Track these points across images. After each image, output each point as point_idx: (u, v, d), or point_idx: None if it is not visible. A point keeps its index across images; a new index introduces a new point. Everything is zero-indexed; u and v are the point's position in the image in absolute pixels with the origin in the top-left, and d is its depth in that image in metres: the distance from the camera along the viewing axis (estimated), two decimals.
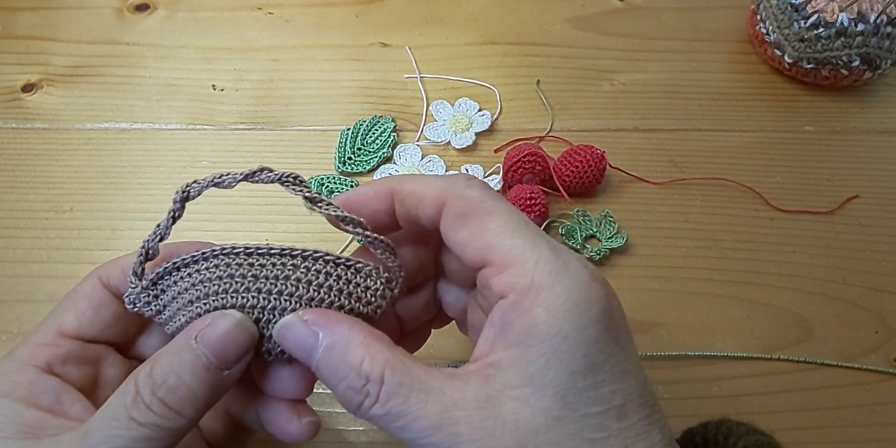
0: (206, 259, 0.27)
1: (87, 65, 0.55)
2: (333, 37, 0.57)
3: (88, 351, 0.29)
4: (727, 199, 0.48)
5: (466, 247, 0.26)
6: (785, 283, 0.44)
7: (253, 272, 0.27)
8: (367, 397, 0.24)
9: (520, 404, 0.23)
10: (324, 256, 0.27)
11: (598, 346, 0.23)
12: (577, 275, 0.24)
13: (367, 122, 0.51)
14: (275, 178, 0.27)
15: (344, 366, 0.24)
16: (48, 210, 0.47)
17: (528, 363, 0.23)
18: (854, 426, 0.39)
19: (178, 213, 0.28)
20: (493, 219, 0.25)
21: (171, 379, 0.25)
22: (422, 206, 0.27)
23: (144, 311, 0.28)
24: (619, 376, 0.23)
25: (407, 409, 0.23)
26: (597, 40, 0.57)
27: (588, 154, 0.46)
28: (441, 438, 0.23)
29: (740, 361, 0.41)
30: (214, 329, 0.26)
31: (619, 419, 0.23)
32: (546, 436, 0.22)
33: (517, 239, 0.25)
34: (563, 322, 0.23)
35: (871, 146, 0.51)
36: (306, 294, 0.27)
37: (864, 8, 0.49)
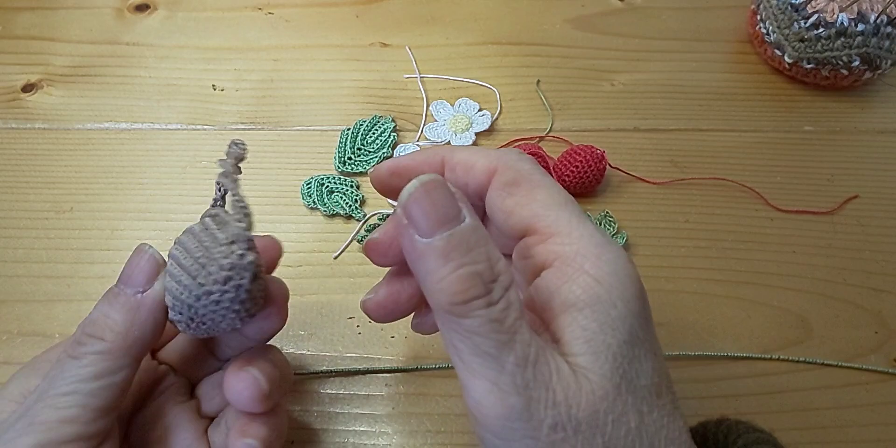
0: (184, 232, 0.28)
1: (87, 65, 0.55)
2: (333, 37, 0.57)
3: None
4: (727, 199, 0.48)
5: (512, 214, 0.26)
6: (785, 283, 0.44)
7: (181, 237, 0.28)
8: (489, 293, 0.22)
9: (587, 371, 0.22)
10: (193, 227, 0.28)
11: (640, 321, 0.23)
12: (619, 252, 0.24)
13: (367, 122, 0.51)
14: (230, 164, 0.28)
15: (482, 251, 0.23)
16: (48, 210, 0.47)
17: (582, 328, 0.23)
18: (854, 426, 0.39)
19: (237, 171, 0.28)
20: (541, 190, 0.25)
21: (94, 313, 0.28)
22: (472, 173, 0.27)
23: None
24: (654, 355, 0.23)
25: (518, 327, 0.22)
26: (597, 40, 0.57)
27: (588, 154, 0.46)
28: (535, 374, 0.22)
29: (740, 361, 0.41)
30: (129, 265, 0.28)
31: (658, 396, 0.23)
32: (613, 404, 0.22)
33: (563, 211, 0.25)
34: (611, 291, 0.23)
35: (871, 146, 0.51)
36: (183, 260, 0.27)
37: (864, 8, 0.49)
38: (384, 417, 0.39)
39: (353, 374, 0.40)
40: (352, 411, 0.39)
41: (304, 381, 0.40)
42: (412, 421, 0.39)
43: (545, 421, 0.21)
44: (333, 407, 0.39)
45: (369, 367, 0.40)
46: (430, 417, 0.39)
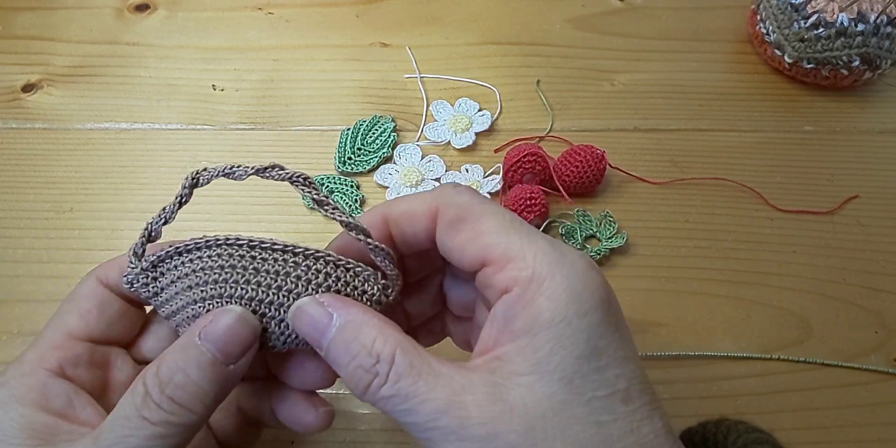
0: (209, 247, 0.28)
1: (87, 65, 0.55)
2: (333, 37, 0.57)
3: (98, 353, 0.29)
4: (727, 199, 0.48)
5: (464, 250, 0.26)
6: (785, 283, 0.44)
7: (254, 265, 0.27)
8: (376, 377, 0.24)
9: (527, 390, 0.23)
10: (325, 256, 0.27)
11: (600, 331, 0.23)
12: (575, 264, 0.24)
13: (367, 122, 0.51)
14: (285, 176, 0.27)
15: (356, 344, 0.25)
16: (48, 210, 0.47)
17: (533, 351, 0.23)
18: (854, 426, 0.39)
19: (186, 198, 0.28)
20: (486, 219, 0.26)
21: (178, 376, 0.25)
22: (415, 221, 0.28)
23: (141, 291, 0.28)
24: (622, 361, 0.24)
25: (416, 391, 0.23)
26: (597, 40, 0.57)
27: (588, 154, 0.46)
28: (449, 422, 0.23)
29: (740, 361, 0.41)
30: (217, 325, 0.26)
31: (624, 403, 0.23)
32: (554, 419, 0.22)
33: (513, 236, 0.25)
34: (567, 308, 0.23)
35: (871, 146, 0.51)
36: (304, 292, 0.27)
37: (864, 8, 0.49)
38: (384, 417, 0.39)
39: None
40: (352, 411, 0.39)
41: None
42: None
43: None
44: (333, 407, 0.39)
45: None
46: None
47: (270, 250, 0.27)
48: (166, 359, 0.26)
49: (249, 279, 0.27)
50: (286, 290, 0.27)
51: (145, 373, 0.26)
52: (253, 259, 0.27)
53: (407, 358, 0.24)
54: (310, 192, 0.27)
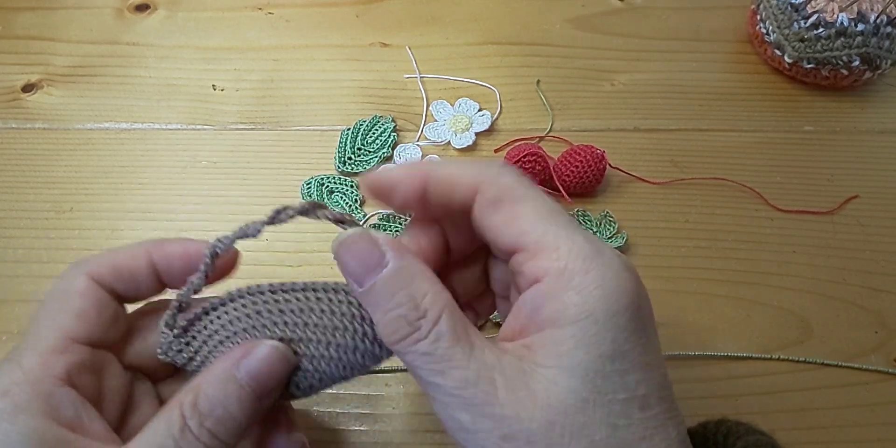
0: (233, 300, 0.28)
1: (87, 65, 0.55)
2: (333, 37, 0.57)
3: (95, 358, 0.27)
4: (727, 199, 0.48)
5: (499, 232, 0.26)
6: (785, 283, 0.44)
7: (279, 307, 0.28)
8: (416, 331, 0.24)
9: (550, 384, 0.23)
10: (344, 288, 0.28)
11: (625, 335, 0.23)
12: (610, 263, 0.24)
13: (367, 122, 0.51)
14: (295, 213, 0.28)
15: (404, 293, 0.24)
16: (48, 210, 0.47)
17: (557, 344, 0.23)
18: (854, 426, 0.39)
19: (210, 270, 0.28)
20: (526, 204, 0.25)
21: (218, 410, 0.25)
22: (455, 191, 0.26)
23: (177, 358, 0.28)
24: (644, 367, 0.23)
25: (452, 355, 0.23)
26: (597, 40, 0.57)
27: (588, 154, 0.46)
28: (476, 394, 0.23)
29: (740, 361, 0.41)
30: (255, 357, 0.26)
31: (641, 409, 0.23)
32: (574, 417, 0.22)
33: (550, 225, 0.25)
34: (595, 306, 0.23)
35: (871, 146, 0.51)
36: (331, 323, 0.27)
37: (864, 8, 0.49)
38: (384, 417, 0.39)
39: None
40: (352, 411, 0.39)
41: None
42: (412, 421, 0.39)
43: (493, 432, 0.23)
44: (333, 407, 0.39)
45: None
46: (430, 417, 0.39)
47: (291, 291, 0.28)
48: (206, 391, 0.25)
49: (276, 321, 0.28)
50: (314, 324, 0.27)
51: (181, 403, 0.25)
52: (277, 302, 0.28)
53: (451, 321, 0.24)
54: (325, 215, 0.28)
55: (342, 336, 0.27)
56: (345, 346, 0.27)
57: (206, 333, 0.28)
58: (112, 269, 0.28)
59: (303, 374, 0.27)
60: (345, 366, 0.28)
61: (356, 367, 0.28)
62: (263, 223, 0.28)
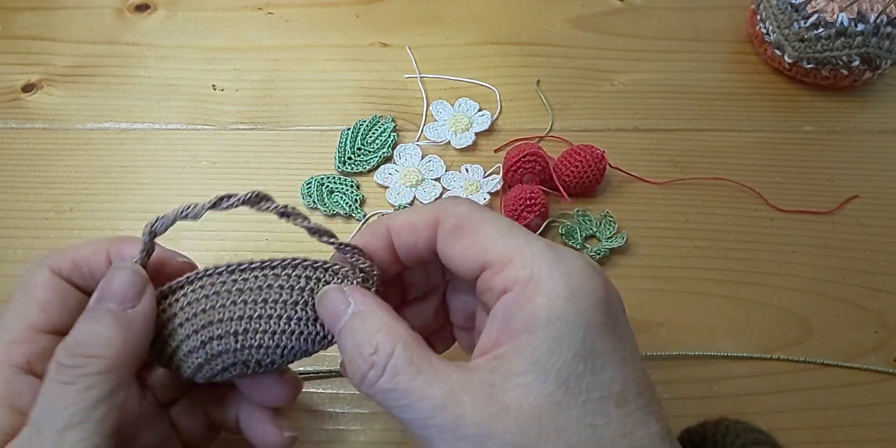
0: (191, 282, 0.28)
1: (87, 65, 0.55)
2: (333, 37, 0.57)
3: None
4: (727, 199, 0.48)
5: (464, 256, 0.27)
6: (785, 283, 0.44)
7: (238, 286, 0.28)
8: (372, 368, 0.24)
9: (524, 390, 0.23)
10: (302, 262, 0.29)
11: (596, 331, 0.24)
12: (573, 263, 0.25)
13: (367, 122, 0.51)
14: (238, 202, 0.28)
15: (361, 333, 0.25)
16: (48, 210, 0.47)
17: (531, 349, 0.23)
18: (854, 426, 0.39)
19: (151, 250, 0.28)
20: (485, 225, 0.27)
21: (81, 335, 0.26)
22: (416, 232, 0.28)
23: None
24: (618, 363, 0.24)
25: (413, 387, 0.23)
26: (597, 40, 0.57)
27: (588, 154, 0.46)
28: (445, 419, 0.23)
29: (740, 361, 0.41)
30: (110, 283, 0.27)
31: (618, 406, 0.23)
32: (549, 420, 0.22)
33: (510, 239, 0.26)
34: (564, 306, 0.23)
35: (871, 146, 0.51)
36: (290, 298, 0.28)
37: (864, 8, 0.49)
38: (384, 417, 0.39)
39: None
40: (352, 411, 0.39)
41: (305, 381, 0.40)
42: None
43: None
44: (333, 407, 0.39)
45: None
46: None
47: (248, 270, 0.28)
48: (71, 332, 0.26)
49: (235, 300, 0.28)
50: (273, 301, 0.28)
51: (55, 352, 0.26)
52: (234, 282, 0.28)
53: (407, 353, 0.24)
54: (268, 208, 0.28)
55: (302, 310, 0.28)
56: (305, 319, 0.28)
57: (164, 317, 0.28)
58: (72, 262, 0.29)
59: (265, 351, 0.28)
60: (306, 338, 0.28)
61: (318, 339, 0.28)
62: (205, 207, 0.28)
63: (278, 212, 0.28)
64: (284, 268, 0.28)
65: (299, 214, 0.28)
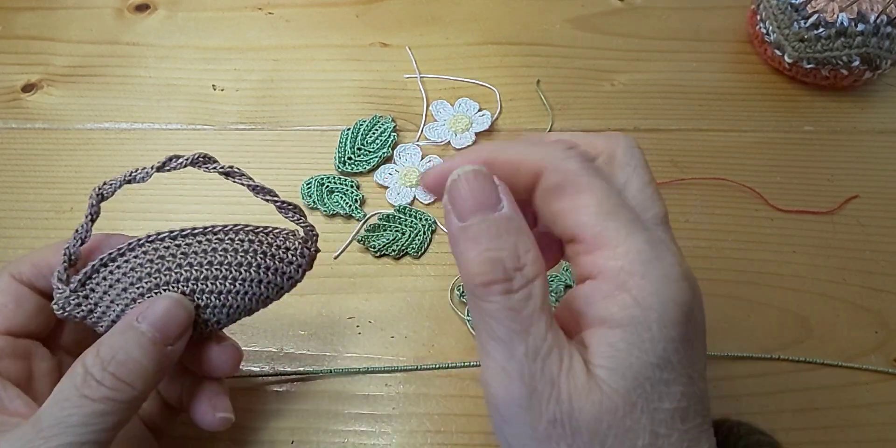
0: (132, 249, 0.29)
1: (87, 65, 0.55)
2: (333, 37, 0.57)
3: (19, 346, 0.30)
4: (727, 199, 0.48)
5: (558, 220, 0.25)
6: (785, 283, 0.44)
7: (182, 250, 0.29)
8: (509, 281, 0.23)
9: (601, 382, 0.22)
10: (244, 227, 0.30)
11: (675, 346, 0.23)
12: (669, 271, 0.24)
13: (367, 122, 0.51)
14: (186, 162, 0.29)
15: (510, 240, 0.23)
16: (48, 210, 0.47)
17: (609, 345, 0.23)
18: (854, 426, 0.39)
19: (96, 213, 0.30)
20: (588, 196, 0.24)
21: (120, 354, 0.26)
22: (518, 175, 0.26)
23: (75, 313, 0.29)
24: (688, 379, 0.23)
25: (534, 321, 0.22)
26: (597, 40, 0.57)
27: None
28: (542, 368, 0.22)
29: (740, 361, 0.41)
30: (154, 308, 0.27)
31: (682, 420, 0.23)
32: (622, 419, 0.22)
33: (611, 221, 0.24)
34: (649, 313, 0.23)
35: (871, 146, 0.51)
36: (235, 260, 0.29)
37: (864, 8, 0.49)
38: (384, 417, 0.39)
39: (353, 374, 0.40)
40: (352, 411, 0.39)
41: (304, 381, 0.40)
42: (412, 421, 0.39)
43: (545, 414, 0.22)
44: (333, 407, 0.39)
45: (369, 367, 0.40)
46: (430, 417, 0.39)
47: (192, 236, 0.29)
48: (106, 341, 0.27)
49: (181, 263, 0.28)
50: (218, 263, 0.29)
51: (83, 357, 0.27)
52: (178, 247, 0.29)
53: (544, 289, 0.23)
54: (214, 169, 0.29)
55: (246, 271, 0.29)
56: (250, 279, 0.29)
57: (106, 284, 0.29)
58: (31, 266, 0.30)
59: (212, 310, 0.29)
60: (251, 297, 0.29)
61: (262, 297, 0.30)
62: (153, 168, 0.29)
63: (223, 171, 0.29)
64: (227, 233, 0.30)
65: (242, 174, 0.30)
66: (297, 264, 0.30)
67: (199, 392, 0.31)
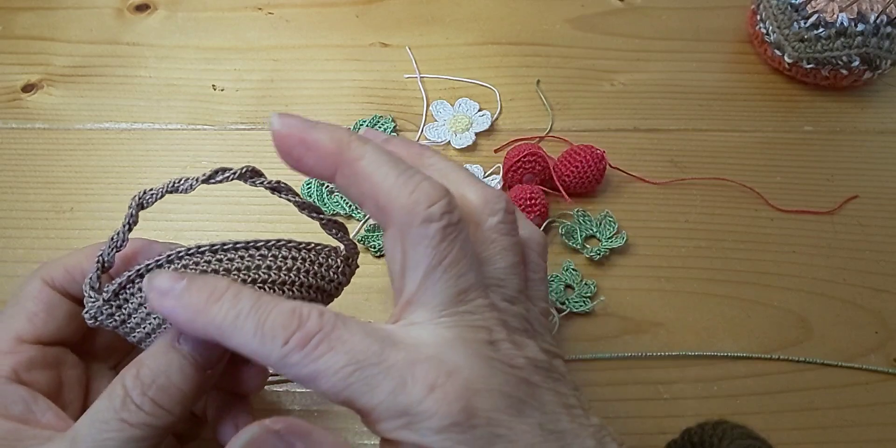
0: (171, 262, 0.28)
1: (87, 65, 0.55)
2: (333, 37, 0.57)
3: (49, 355, 0.29)
4: (727, 199, 0.48)
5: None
6: (785, 283, 0.44)
7: (224, 266, 0.28)
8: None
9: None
10: (286, 244, 0.29)
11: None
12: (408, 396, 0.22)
13: (367, 122, 0.51)
14: (233, 177, 0.28)
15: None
16: (48, 210, 0.47)
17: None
18: (854, 426, 0.39)
19: (134, 222, 0.28)
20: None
21: (161, 379, 0.26)
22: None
23: (106, 323, 0.28)
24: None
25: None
26: (597, 40, 0.57)
27: (588, 154, 0.46)
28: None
29: (740, 361, 0.41)
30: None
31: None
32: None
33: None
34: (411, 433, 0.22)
35: (871, 146, 0.51)
36: (279, 278, 0.28)
37: (864, 8, 0.49)
38: None
39: None
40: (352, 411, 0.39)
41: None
42: None
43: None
44: (333, 407, 0.39)
45: None
46: None
47: (233, 250, 0.28)
48: (147, 363, 0.26)
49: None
50: (261, 281, 0.28)
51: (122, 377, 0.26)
52: (220, 262, 0.28)
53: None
54: (261, 183, 0.29)
55: (290, 289, 0.28)
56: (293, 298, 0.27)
57: (141, 296, 0.27)
58: (64, 271, 0.30)
59: None
60: None
61: None
62: (198, 180, 0.28)
63: (270, 187, 0.29)
64: (270, 249, 0.28)
65: (290, 189, 0.29)
66: (338, 282, 0.30)
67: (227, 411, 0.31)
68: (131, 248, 0.30)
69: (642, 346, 0.41)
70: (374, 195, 0.24)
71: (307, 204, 0.29)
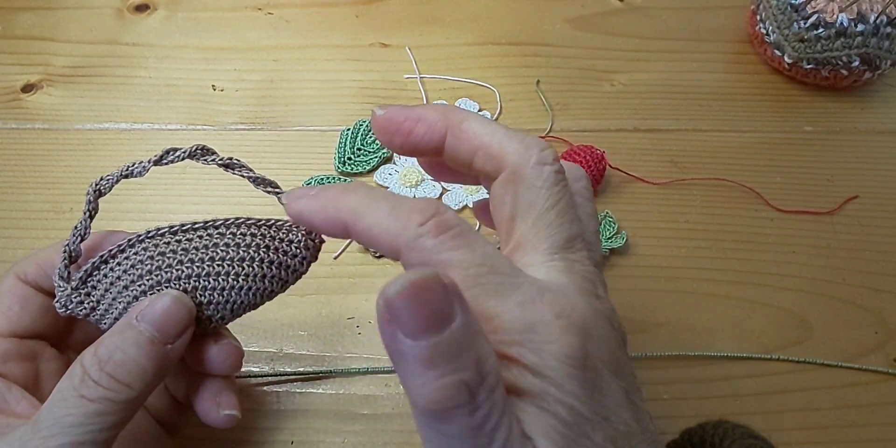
0: (133, 245, 0.29)
1: (87, 65, 0.55)
2: (333, 37, 0.57)
3: (25, 348, 0.30)
4: (727, 199, 0.48)
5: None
6: (785, 283, 0.44)
7: (182, 246, 0.28)
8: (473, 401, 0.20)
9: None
10: (245, 221, 0.29)
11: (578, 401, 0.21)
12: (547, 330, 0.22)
13: (367, 122, 0.51)
14: (184, 155, 0.29)
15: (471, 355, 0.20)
16: (48, 210, 0.47)
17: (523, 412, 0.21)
18: (854, 426, 0.39)
19: (94, 208, 0.29)
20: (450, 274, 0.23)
21: (117, 354, 0.26)
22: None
23: (77, 311, 0.29)
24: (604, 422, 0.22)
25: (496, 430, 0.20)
26: (597, 40, 0.57)
27: (588, 154, 0.46)
28: None
29: (740, 361, 0.41)
30: (153, 307, 0.27)
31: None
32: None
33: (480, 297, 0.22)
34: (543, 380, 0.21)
35: (871, 146, 0.51)
36: (237, 255, 0.28)
37: (864, 8, 0.49)
38: (384, 417, 0.39)
39: (353, 374, 0.40)
40: (352, 411, 0.39)
41: (304, 382, 0.40)
42: (412, 421, 0.39)
43: None
44: (333, 407, 0.39)
45: (369, 367, 0.40)
46: None
47: (192, 230, 0.29)
48: (104, 341, 0.27)
49: (182, 259, 0.28)
50: (220, 258, 0.28)
51: (82, 356, 0.26)
52: (179, 243, 0.28)
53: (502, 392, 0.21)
54: (213, 161, 0.29)
55: (249, 266, 0.28)
56: (253, 274, 0.28)
57: (107, 282, 0.28)
58: (36, 266, 0.30)
59: (215, 307, 0.28)
60: (254, 292, 0.29)
61: (266, 292, 0.29)
62: (150, 162, 0.29)
63: (222, 164, 0.29)
64: (228, 227, 0.29)
65: (242, 165, 0.29)
66: (302, 257, 0.30)
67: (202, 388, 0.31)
68: (96, 239, 0.30)
69: (642, 346, 0.41)
70: (486, 146, 0.25)
71: (261, 178, 0.30)
